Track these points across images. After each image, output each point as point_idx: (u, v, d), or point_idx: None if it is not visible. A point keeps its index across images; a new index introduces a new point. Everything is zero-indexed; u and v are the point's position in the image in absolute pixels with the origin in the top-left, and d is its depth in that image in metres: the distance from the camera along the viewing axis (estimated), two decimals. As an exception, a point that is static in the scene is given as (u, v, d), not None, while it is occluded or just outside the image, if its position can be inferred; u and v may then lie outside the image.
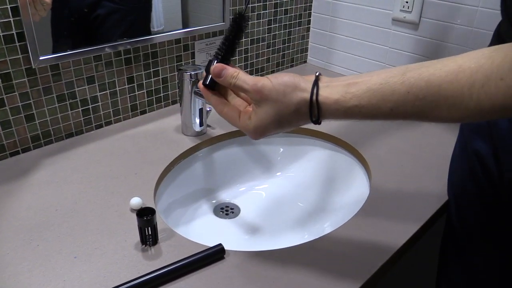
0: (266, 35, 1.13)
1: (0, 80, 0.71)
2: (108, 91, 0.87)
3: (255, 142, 0.92)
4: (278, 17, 1.14)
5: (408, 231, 0.62)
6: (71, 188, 0.69)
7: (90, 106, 0.85)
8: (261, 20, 1.10)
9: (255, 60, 1.14)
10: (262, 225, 0.81)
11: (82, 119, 0.85)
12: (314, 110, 0.45)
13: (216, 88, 0.52)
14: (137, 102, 0.93)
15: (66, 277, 0.53)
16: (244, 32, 0.52)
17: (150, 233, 0.57)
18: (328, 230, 0.62)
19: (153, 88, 0.94)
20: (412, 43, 1.03)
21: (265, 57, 1.16)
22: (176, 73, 0.97)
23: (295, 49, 1.25)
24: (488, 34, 0.88)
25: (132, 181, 0.71)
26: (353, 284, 0.53)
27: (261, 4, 1.08)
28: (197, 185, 0.85)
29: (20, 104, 0.75)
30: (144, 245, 0.58)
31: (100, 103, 0.86)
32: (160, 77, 0.95)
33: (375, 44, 1.11)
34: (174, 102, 1.00)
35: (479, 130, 0.61)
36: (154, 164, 0.76)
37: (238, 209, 0.85)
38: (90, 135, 0.86)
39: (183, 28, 0.93)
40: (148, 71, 0.92)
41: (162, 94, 0.97)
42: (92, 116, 0.86)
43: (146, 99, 0.94)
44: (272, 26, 1.14)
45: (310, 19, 1.24)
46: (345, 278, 0.54)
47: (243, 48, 1.09)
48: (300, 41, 1.25)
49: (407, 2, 1.00)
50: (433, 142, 0.86)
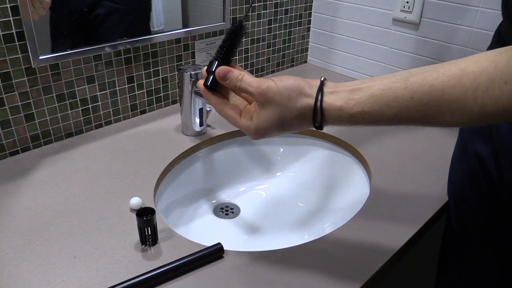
0: (266, 35, 1.13)
1: (0, 80, 0.71)
2: (108, 91, 0.87)
3: (255, 142, 0.92)
4: (279, 17, 1.14)
5: (408, 232, 0.62)
6: (71, 188, 0.69)
7: (90, 106, 0.85)
8: (261, 20, 1.10)
9: (255, 60, 1.14)
10: (262, 225, 0.81)
11: (82, 119, 0.85)
12: (318, 116, 0.45)
13: (217, 89, 0.52)
14: (137, 102, 0.93)
15: (66, 277, 0.52)
16: (244, 37, 0.52)
17: (150, 233, 0.57)
18: (328, 231, 0.62)
19: (153, 88, 0.94)
20: (413, 43, 1.03)
21: (265, 57, 1.16)
22: (176, 73, 0.97)
23: (295, 49, 1.24)
24: (489, 35, 0.88)
25: (132, 181, 0.71)
26: (353, 285, 0.53)
27: (261, 4, 1.08)
28: (197, 185, 0.85)
29: (20, 104, 0.75)
30: (144, 245, 0.58)
31: (100, 103, 0.86)
32: (160, 77, 0.94)
33: (376, 44, 1.11)
34: (174, 102, 1.00)
35: (479, 132, 0.61)
36: (154, 164, 0.76)
37: (238, 209, 0.85)
38: (90, 135, 0.86)
39: (183, 28, 0.93)
40: (148, 71, 0.92)
41: (162, 94, 0.97)
42: (92, 116, 0.86)
43: (146, 99, 0.94)
44: (273, 26, 1.14)
45: (311, 19, 1.24)
46: (345, 279, 0.54)
47: (243, 48, 1.09)
48: (300, 41, 1.25)
49: (408, 2, 1.00)
50: (434, 143, 0.86)
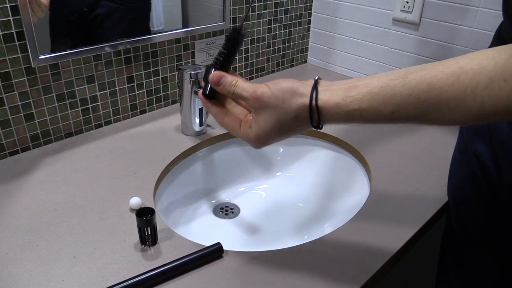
0: (266, 35, 1.13)
1: (0, 79, 0.71)
2: (108, 91, 0.87)
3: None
4: (278, 17, 1.14)
5: (408, 233, 0.62)
6: (71, 188, 0.69)
7: (90, 106, 0.85)
8: (261, 20, 1.10)
9: (255, 60, 1.14)
10: (262, 226, 0.81)
11: (82, 119, 0.85)
12: (314, 115, 0.45)
13: (216, 97, 0.52)
14: (137, 102, 0.92)
15: (65, 277, 0.52)
16: (241, 45, 0.52)
17: (150, 233, 0.57)
18: (328, 231, 0.62)
19: (153, 88, 0.94)
20: (413, 43, 1.03)
21: (265, 57, 1.16)
22: (176, 73, 0.97)
23: (295, 49, 1.24)
24: (489, 35, 0.88)
25: (132, 181, 0.71)
26: (353, 286, 0.53)
27: (261, 4, 1.07)
28: (197, 185, 0.85)
29: (20, 104, 0.75)
30: (144, 245, 0.58)
31: (100, 103, 0.86)
32: (160, 77, 0.94)
33: (376, 44, 1.11)
34: (174, 102, 1.00)
35: (479, 133, 0.61)
36: (154, 164, 0.76)
37: (238, 209, 0.85)
38: (90, 135, 0.85)
39: (183, 28, 0.93)
40: (148, 71, 0.92)
41: (162, 94, 0.96)
42: (92, 116, 0.86)
43: (146, 99, 0.94)
44: (272, 26, 1.14)
45: (311, 19, 1.24)
46: (344, 280, 0.53)
47: (243, 48, 1.09)
48: (300, 41, 1.25)
49: (408, 2, 1.00)
50: (433, 144, 0.86)
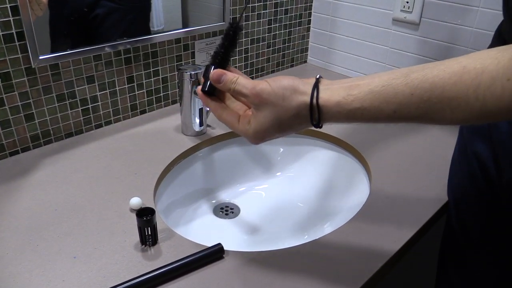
0: (266, 35, 1.13)
1: (0, 80, 0.71)
2: (108, 91, 0.87)
3: (255, 142, 0.92)
4: (278, 17, 1.14)
5: (408, 233, 0.62)
6: (71, 188, 0.69)
7: (90, 106, 0.85)
8: (261, 20, 1.10)
9: (255, 60, 1.14)
10: (262, 225, 0.81)
11: (82, 119, 0.85)
12: (315, 114, 0.45)
13: (215, 93, 0.52)
14: (137, 102, 0.92)
15: (66, 277, 0.52)
16: (239, 39, 0.52)
17: (150, 233, 0.57)
18: (328, 231, 0.62)
19: (153, 88, 0.94)
20: (413, 43, 1.03)
21: (265, 57, 1.16)
22: (176, 73, 0.97)
23: (295, 49, 1.24)
24: (489, 34, 0.88)
25: (132, 181, 0.71)
26: (353, 286, 0.53)
27: (261, 4, 1.07)
28: (197, 185, 0.85)
29: (20, 104, 0.75)
30: (144, 245, 0.58)
31: (100, 103, 0.86)
32: (160, 77, 0.94)
33: (376, 44, 1.11)
34: (174, 102, 1.00)
35: (479, 132, 0.61)
36: (154, 164, 0.76)
37: (238, 209, 0.85)
38: (90, 135, 0.85)
39: (183, 28, 0.93)
40: (148, 71, 0.92)
41: (162, 94, 0.96)
42: (92, 116, 0.86)
43: (146, 99, 0.94)
44: (272, 26, 1.14)
45: (310, 19, 1.24)
46: (345, 280, 0.53)
47: (243, 48, 1.09)
48: (300, 41, 1.25)
49: (408, 2, 1.00)
50: (434, 144, 0.86)
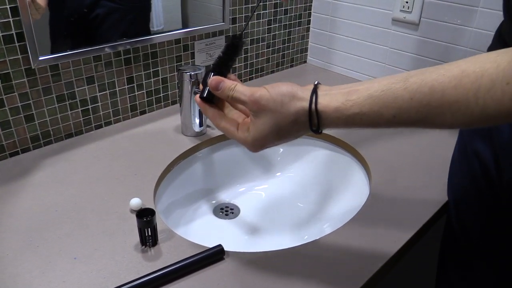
0: (266, 35, 1.13)
1: (0, 81, 0.71)
2: (108, 92, 0.87)
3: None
4: (278, 17, 1.14)
5: (407, 233, 0.62)
6: (71, 189, 0.69)
7: (90, 107, 0.85)
8: (261, 20, 1.10)
9: (255, 60, 1.14)
10: (262, 226, 0.81)
11: (82, 120, 0.85)
12: (314, 119, 0.44)
13: (214, 101, 0.52)
14: (137, 103, 0.92)
15: (66, 278, 0.52)
16: (241, 53, 0.52)
17: (150, 234, 0.57)
18: (328, 231, 0.62)
19: (153, 89, 0.94)
20: (412, 43, 1.03)
21: (265, 57, 1.16)
22: (176, 73, 0.97)
23: (295, 49, 1.24)
24: (489, 35, 0.88)
25: (132, 182, 0.71)
26: (354, 286, 0.53)
27: (261, 5, 1.07)
28: (197, 186, 0.85)
29: (20, 105, 0.75)
30: (144, 246, 0.58)
31: (100, 104, 0.86)
32: (160, 77, 0.94)
33: (375, 44, 1.11)
34: (174, 103, 1.00)
35: (479, 132, 0.61)
36: (154, 165, 0.76)
37: (238, 210, 0.85)
38: (90, 136, 0.85)
39: (183, 28, 0.93)
40: (148, 71, 0.92)
41: (162, 95, 0.96)
42: (92, 117, 0.86)
43: (146, 100, 0.94)
44: (272, 26, 1.14)
45: (310, 19, 1.24)
46: (345, 280, 0.54)
47: (243, 48, 1.09)
48: (300, 41, 1.25)
49: (407, 2, 1.00)
50: (433, 144, 0.86)
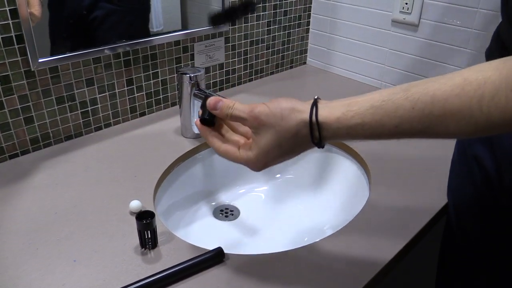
0: (266, 37, 1.13)
1: (-1, 83, 0.71)
2: (107, 93, 0.86)
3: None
4: (278, 18, 1.14)
5: (407, 235, 0.62)
6: (70, 191, 0.69)
7: (89, 108, 0.85)
8: (260, 22, 1.10)
9: (254, 62, 1.14)
10: (262, 227, 0.81)
11: (81, 121, 0.85)
12: (315, 131, 0.44)
13: (214, 122, 0.52)
14: (137, 104, 0.92)
15: (66, 281, 0.52)
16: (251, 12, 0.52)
17: (150, 237, 0.57)
18: (328, 233, 0.62)
19: (153, 90, 0.94)
20: (412, 45, 1.03)
21: (264, 59, 1.16)
22: (176, 75, 0.97)
23: (295, 51, 1.24)
24: (488, 35, 0.88)
25: (132, 184, 0.71)
26: (354, 286, 0.53)
27: (261, 5, 1.07)
28: (197, 188, 0.85)
29: (19, 107, 0.75)
30: (144, 249, 0.58)
31: (99, 105, 0.86)
32: (160, 79, 0.94)
33: (375, 46, 1.11)
34: (174, 104, 0.99)
35: None
36: (154, 167, 0.76)
37: (238, 211, 0.85)
38: (89, 138, 0.85)
39: (183, 30, 0.93)
40: (148, 73, 0.92)
41: (162, 96, 0.96)
42: (91, 118, 0.86)
43: (146, 101, 0.94)
44: (272, 28, 1.14)
45: (310, 20, 1.24)
46: (345, 281, 0.53)
47: (243, 50, 1.09)
48: (300, 43, 1.25)
49: (407, 4, 1.00)
50: (433, 146, 0.86)
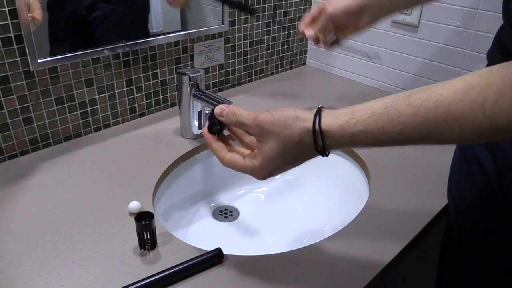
0: (265, 37, 1.13)
1: (-2, 83, 0.71)
2: (107, 94, 0.86)
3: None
4: (277, 19, 1.14)
5: (407, 236, 0.62)
6: (70, 192, 0.69)
7: (89, 109, 0.85)
8: (260, 22, 1.10)
9: (254, 63, 1.14)
10: (261, 228, 0.81)
11: (81, 122, 0.85)
12: (318, 139, 0.44)
13: (222, 128, 0.52)
14: (136, 105, 0.92)
15: (64, 282, 0.52)
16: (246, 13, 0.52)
17: (149, 238, 0.57)
18: (328, 234, 0.62)
19: (152, 91, 0.94)
20: (412, 45, 1.03)
21: (264, 59, 1.16)
22: (175, 76, 0.97)
23: (295, 51, 1.24)
24: (488, 36, 0.88)
25: (131, 185, 0.71)
26: (353, 287, 0.53)
27: (260, 6, 1.07)
28: (196, 188, 0.85)
29: (18, 107, 0.75)
30: (143, 250, 0.58)
31: (99, 106, 0.86)
32: (159, 80, 0.94)
33: (375, 46, 1.11)
34: (173, 105, 0.99)
35: None
36: (153, 167, 0.76)
37: (237, 212, 0.85)
38: (89, 138, 0.85)
39: (182, 30, 0.93)
40: (147, 74, 0.91)
41: (161, 97, 0.96)
42: (91, 119, 0.86)
43: (145, 102, 0.94)
44: (271, 28, 1.14)
45: (309, 21, 1.24)
46: (345, 281, 0.53)
47: (242, 51, 1.09)
48: (299, 43, 1.25)
49: (407, 4, 1.00)
50: (434, 146, 0.86)
